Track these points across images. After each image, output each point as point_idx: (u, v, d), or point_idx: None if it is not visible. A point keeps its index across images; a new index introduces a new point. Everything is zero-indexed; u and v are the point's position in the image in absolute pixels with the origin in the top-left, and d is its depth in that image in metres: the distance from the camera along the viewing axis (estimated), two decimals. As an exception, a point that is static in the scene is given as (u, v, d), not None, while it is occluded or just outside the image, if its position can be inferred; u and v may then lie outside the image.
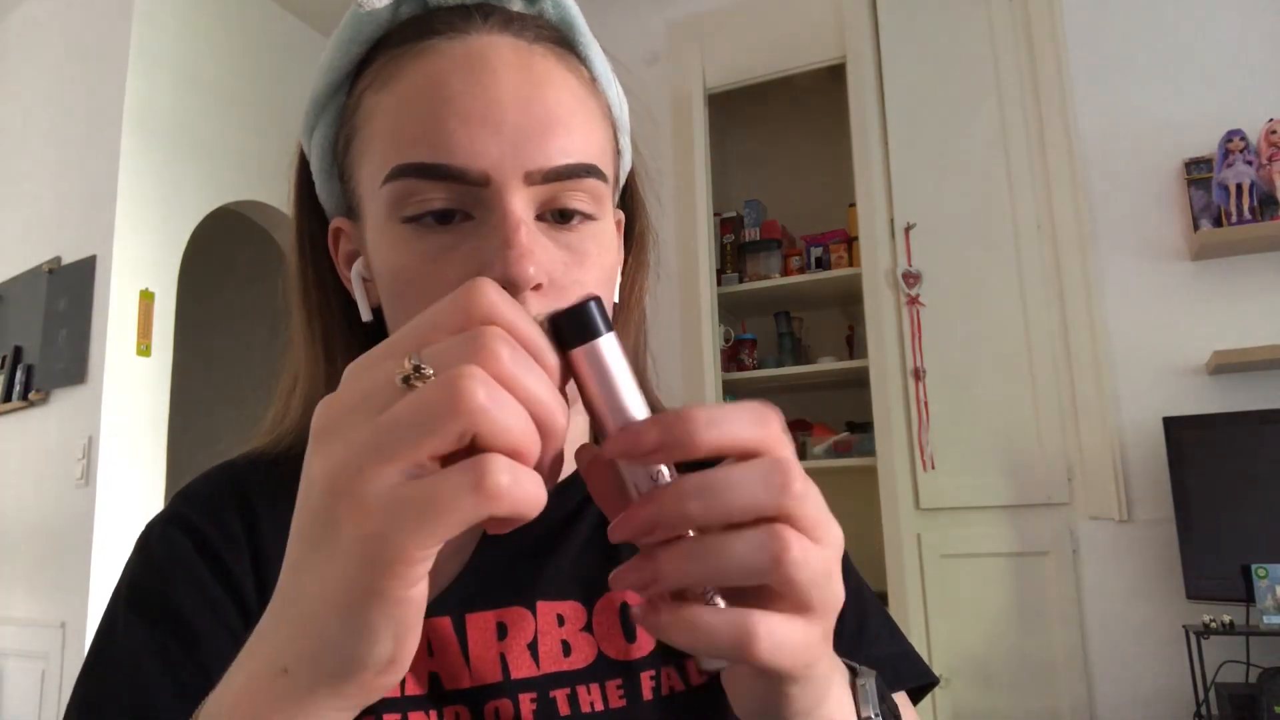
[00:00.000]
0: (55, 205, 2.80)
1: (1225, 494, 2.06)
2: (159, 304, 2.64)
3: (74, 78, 2.85)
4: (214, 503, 0.50)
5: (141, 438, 2.55)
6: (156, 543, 0.49)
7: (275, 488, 0.51)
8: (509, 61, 0.46)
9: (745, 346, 2.99)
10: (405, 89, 0.46)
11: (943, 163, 2.60)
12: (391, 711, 0.46)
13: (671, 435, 0.29)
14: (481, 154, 0.43)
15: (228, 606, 0.47)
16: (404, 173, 0.44)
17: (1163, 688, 2.15)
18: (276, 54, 3.17)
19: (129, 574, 0.49)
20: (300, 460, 0.52)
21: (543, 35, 0.48)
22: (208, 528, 0.49)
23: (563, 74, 0.47)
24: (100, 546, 2.39)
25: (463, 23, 0.47)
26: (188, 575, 0.47)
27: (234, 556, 0.48)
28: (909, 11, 2.71)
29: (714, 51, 2.96)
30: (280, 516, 0.50)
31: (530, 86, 0.45)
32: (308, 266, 0.54)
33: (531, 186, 0.45)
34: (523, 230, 0.43)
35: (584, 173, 0.46)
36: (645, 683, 0.51)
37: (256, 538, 0.49)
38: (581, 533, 0.55)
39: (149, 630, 0.46)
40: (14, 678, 2.54)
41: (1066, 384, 2.37)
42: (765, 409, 0.31)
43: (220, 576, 0.48)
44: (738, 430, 0.30)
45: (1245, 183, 2.20)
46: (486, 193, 0.44)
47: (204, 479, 0.53)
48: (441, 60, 0.45)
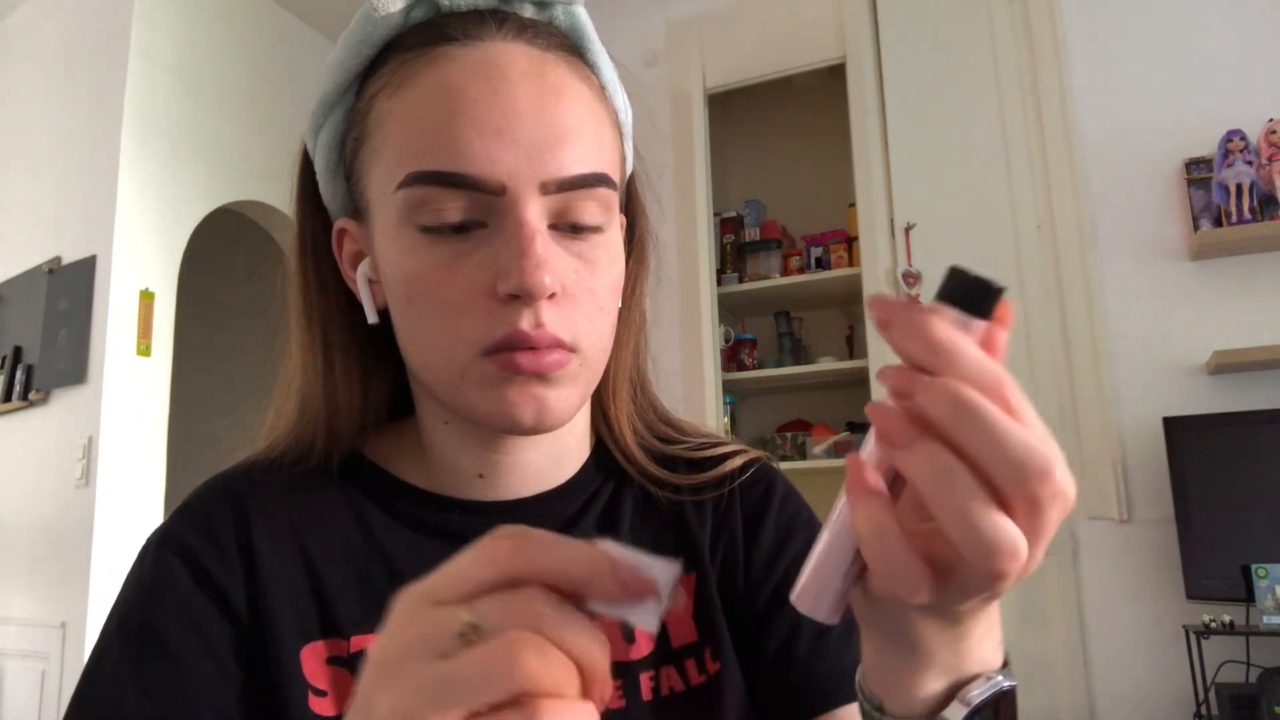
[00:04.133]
0: (55, 205, 2.80)
1: (1225, 494, 2.06)
2: (159, 304, 2.64)
3: (74, 78, 2.85)
4: (209, 519, 0.50)
5: (141, 438, 2.55)
6: (150, 568, 0.49)
7: (274, 500, 0.51)
8: (524, 70, 0.46)
9: (745, 346, 2.99)
10: (420, 95, 0.46)
11: (943, 163, 2.60)
12: None
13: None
14: (498, 163, 0.44)
15: (216, 630, 0.47)
16: (419, 180, 0.44)
17: (1163, 688, 2.15)
18: (276, 54, 3.17)
19: (122, 598, 0.49)
20: (299, 466, 0.52)
21: (555, 43, 0.48)
22: (202, 547, 0.49)
23: (575, 83, 0.48)
24: (100, 546, 2.39)
25: (477, 29, 0.47)
26: (176, 603, 0.48)
27: (228, 575, 0.49)
28: (909, 11, 2.71)
29: (714, 51, 2.96)
30: (273, 524, 0.50)
31: (545, 96, 0.46)
32: (309, 267, 0.54)
33: (546, 196, 0.45)
34: (538, 240, 0.44)
35: (596, 182, 0.46)
36: (644, 683, 0.52)
37: (250, 547, 0.50)
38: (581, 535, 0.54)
39: (134, 660, 0.46)
40: (14, 678, 2.54)
41: (1066, 384, 2.37)
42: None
43: (213, 598, 0.48)
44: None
45: (1245, 183, 2.20)
46: (501, 201, 0.44)
47: (202, 494, 0.53)
48: (456, 67, 0.46)
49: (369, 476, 0.54)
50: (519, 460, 0.53)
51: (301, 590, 0.49)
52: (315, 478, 0.53)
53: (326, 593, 0.49)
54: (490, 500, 0.53)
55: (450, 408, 0.50)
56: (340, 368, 0.53)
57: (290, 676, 0.47)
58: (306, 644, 0.48)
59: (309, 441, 0.52)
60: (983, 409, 0.27)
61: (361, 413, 0.54)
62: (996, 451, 0.27)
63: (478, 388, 0.46)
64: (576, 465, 0.57)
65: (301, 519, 0.51)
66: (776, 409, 3.18)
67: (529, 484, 0.54)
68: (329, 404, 0.52)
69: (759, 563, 0.57)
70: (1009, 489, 0.27)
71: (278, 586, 0.49)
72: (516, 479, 0.54)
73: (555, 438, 0.54)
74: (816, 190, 3.20)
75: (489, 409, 0.46)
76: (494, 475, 0.53)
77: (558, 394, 0.46)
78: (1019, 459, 0.27)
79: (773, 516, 0.59)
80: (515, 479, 0.54)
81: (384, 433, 0.56)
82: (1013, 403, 0.28)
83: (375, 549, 0.51)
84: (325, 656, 0.48)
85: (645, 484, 0.58)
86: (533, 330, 0.44)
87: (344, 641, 0.48)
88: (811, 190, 3.23)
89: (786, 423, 3.08)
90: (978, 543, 0.27)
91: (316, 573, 0.50)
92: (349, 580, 0.50)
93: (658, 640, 0.53)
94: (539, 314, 0.44)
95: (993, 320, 0.30)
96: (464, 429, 0.52)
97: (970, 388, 0.28)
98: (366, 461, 0.54)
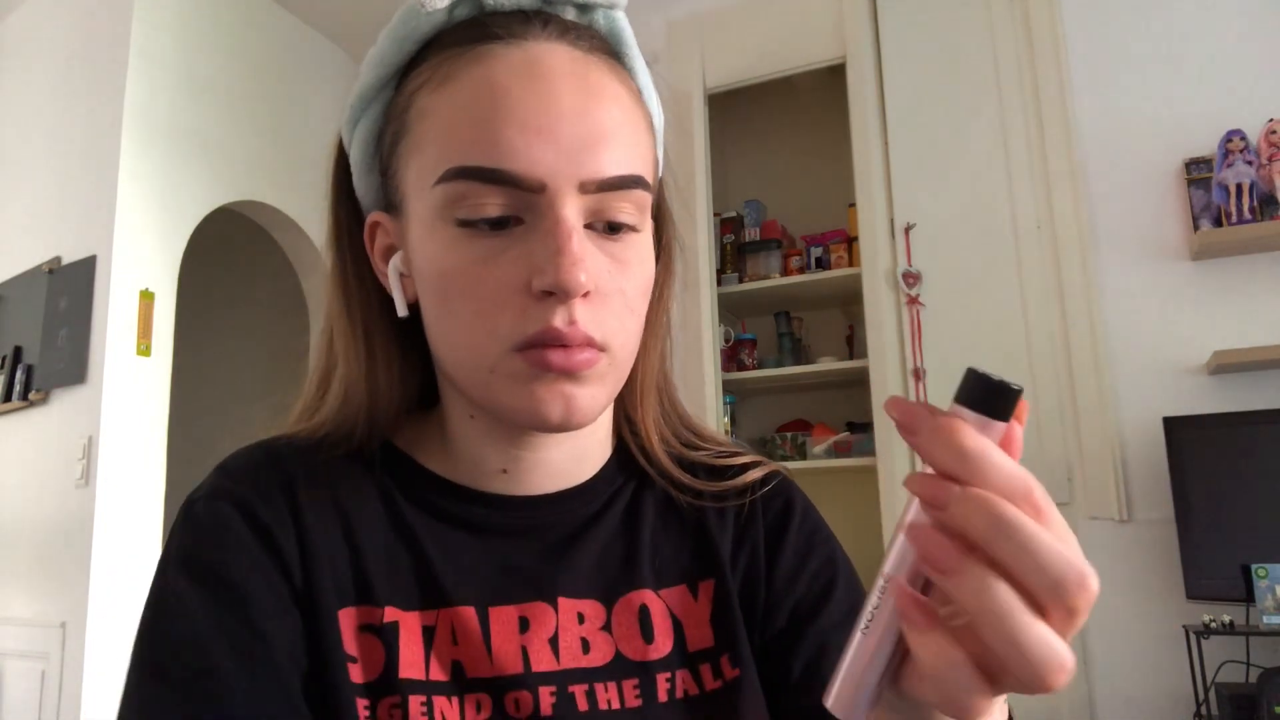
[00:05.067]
0: (55, 205, 2.80)
1: (1225, 494, 2.06)
2: (159, 304, 2.64)
3: (74, 78, 2.85)
4: (259, 478, 0.50)
5: (141, 438, 2.55)
6: (203, 514, 0.49)
7: (316, 473, 0.51)
8: (566, 71, 0.46)
9: (745, 346, 2.99)
10: (462, 92, 0.46)
11: (943, 163, 2.60)
12: (417, 693, 0.47)
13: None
14: (539, 161, 0.44)
15: (275, 576, 0.48)
16: (460, 175, 0.45)
17: (1163, 688, 2.15)
18: (276, 54, 3.17)
19: (177, 543, 0.49)
20: (338, 450, 0.52)
21: (595, 45, 0.49)
22: (253, 497, 0.49)
23: (615, 86, 0.48)
24: (100, 546, 2.39)
25: (520, 28, 0.47)
26: (238, 542, 0.48)
27: (283, 535, 0.49)
28: (909, 11, 2.71)
29: (714, 51, 2.96)
30: (320, 503, 0.51)
31: (586, 97, 0.46)
32: (345, 259, 0.54)
33: (584, 195, 0.45)
34: (575, 238, 0.44)
35: (633, 184, 0.47)
36: (661, 684, 0.52)
37: (296, 502, 0.50)
38: (603, 534, 0.55)
39: (203, 593, 0.46)
40: (14, 678, 2.54)
41: (1066, 384, 2.37)
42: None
43: (270, 552, 0.48)
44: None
45: (1245, 183, 2.20)
46: (540, 199, 0.45)
47: (245, 456, 0.52)
48: (500, 65, 0.46)
49: (397, 464, 0.54)
50: (542, 458, 0.54)
51: (341, 554, 0.50)
52: (353, 461, 0.53)
53: (363, 561, 0.50)
54: (512, 495, 0.54)
55: (478, 403, 0.50)
56: (382, 356, 0.53)
57: (329, 636, 0.47)
58: (343, 607, 0.48)
59: (350, 427, 0.53)
60: (1019, 525, 0.28)
61: (400, 401, 0.55)
62: (1036, 568, 0.28)
63: (507, 383, 0.46)
64: (598, 465, 0.57)
65: (339, 493, 0.51)
66: (776, 409, 3.18)
67: (551, 481, 0.54)
68: (371, 392, 0.53)
69: (781, 578, 0.57)
70: (1048, 601, 0.28)
71: (320, 546, 0.49)
72: (539, 475, 0.54)
73: (578, 437, 0.55)
74: (816, 190, 3.19)
75: (517, 405, 0.47)
76: (517, 471, 0.54)
77: (586, 392, 0.47)
78: (1059, 575, 0.28)
79: (793, 532, 0.59)
80: (538, 475, 0.54)
81: (411, 422, 0.57)
82: (1042, 508, 0.30)
83: (402, 533, 0.52)
84: (358, 624, 0.48)
85: (667, 487, 0.58)
86: (565, 327, 0.45)
87: (379, 610, 0.49)
88: (811, 190, 3.23)
89: (786, 423, 3.08)
90: (1031, 661, 0.28)
91: (354, 542, 0.50)
92: (380, 556, 0.50)
93: (675, 642, 0.53)
94: (572, 311, 0.45)
95: (1011, 420, 0.31)
96: (489, 424, 0.52)
97: (1002, 500, 0.29)
98: (397, 450, 0.55)
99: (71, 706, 2.31)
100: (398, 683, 0.47)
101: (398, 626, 0.48)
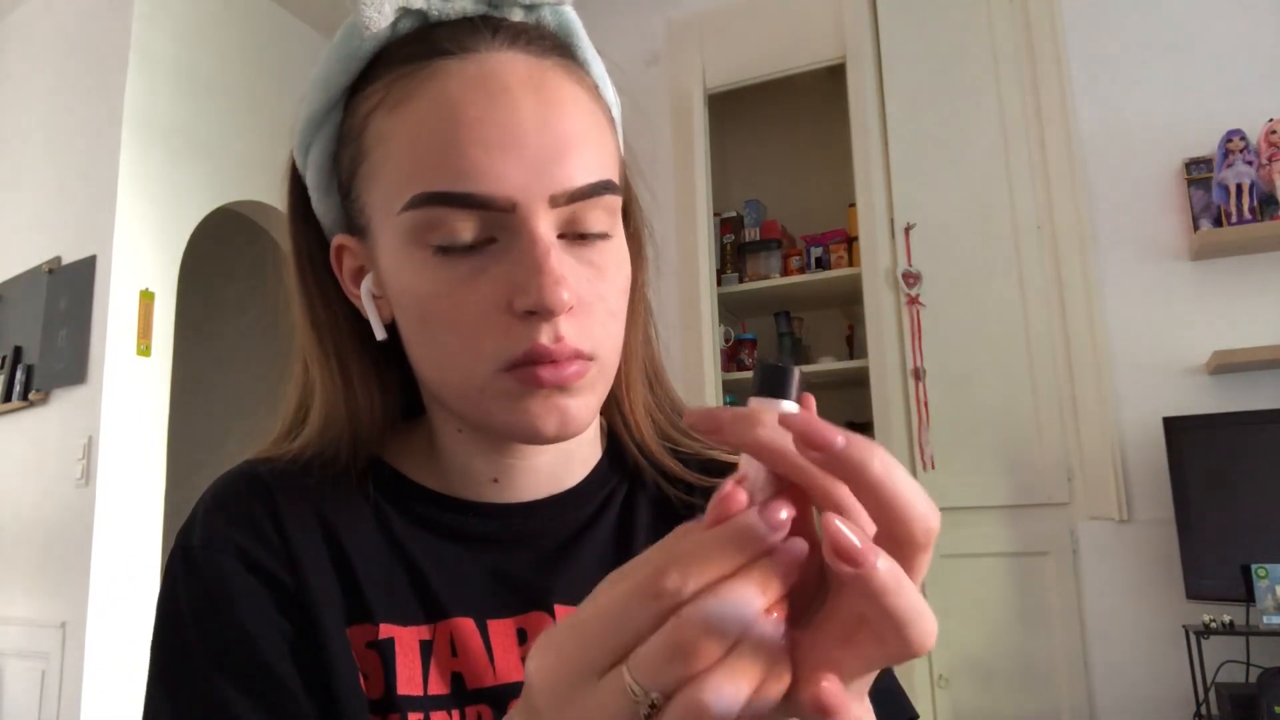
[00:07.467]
0: (55, 205, 2.80)
1: (1225, 494, 2.06)
2: (159, 304, 2.64)
3: (74, 78, 2.85)
4: (251, 514, 0.50)
5: (141, 438, 2.55)
6: (205, 567, 0.48)
7: (303, 497, 0.51)
8: (523, 81, 0.45)
9: (745, 346, 2.99)
10: (420, 112, 0.45)
11: (943, 163, 2.60)
12: (415, 710, 0.47)
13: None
14: (505, 179, 0.43)
15: (282, 622, 0.48)
16: (428, 201, 0.44)
17: (1163, 688, 2.15)
18: (276, 54, 3.17)
19: (186, 598, 0.48)
20: (327, 471, 0.52)
21: (549, 48, 0.48)
22: (249, 542, 0.49)
23: (572, 88, 0.47)
24: (100, 546, 2.39)
25: (470, 39, 0.46)
26: (243, 594, 0.47)
27: (277, 565, 0.48)
28: (909, 11, 2.71)
29: (714, 51, 2.96)
30: (301, 513, 0.50)
31: (546, 107, 0.45)
32: (310, 283, 0.53)
33: (555, 209, 0.45)
34: (552, 255, 0.44)
35: (603, 190, 0.46)
36: None
37: (284, 532, 0.49)
38: (597, 540, 0.55)
39: (219, 649, 0.46)
40: (14, 678, 2.54)
41: (1066, 384, 2.37)
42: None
43: (273, 591, 0.48)
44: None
45: (1245, 183, 2.20)
46: (512, 218, 0.44)
47: (230, 487, 0.51)
48: (454, 83, 0.45)
49: (387, 479, 0.54)
50: (531, 464, 0.54)
51: (334, 577, 0.49)
52: (341, 481, 0.53)
53: (358, 581, 0.49)
54: (504, 503, 0.54)
55: (469, 421, 0.50)
56: (359, 380, 0.52)
57: (340, 656, 0.47)
58: (346, 627, 0.48)
59: (334, 450, 0.52)
60: (892, 466, 0.30)
61: (383, 418, 0.54)
62: (915, 510, 0.29)
63: (498, 402, 0.46)
64: (588, 465, 0.57)
65: (327, 514, 0.51)
66: (776, 409, 3.18)
67: (542, 486, 0.54)
68: (352, 415, 0.52)
69: None
70: (923, 541, 0.29)
71: (313, 571, 0.49)
72: (530, 482, 0.54)
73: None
74: (816, 190, 3.20)
75: (510, 421, 0.46)
76: (507, 479, 0.53)
77: (578, 402, 0.47)
78: (928, 508, 0.29)
79: None
80: (528, 482, 0.54)
81: (397, 435, 0.56)
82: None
83: (395, 548, 0.51)
84: (357, 643, 0.48)
85: (659, 480, 0.58)
86: (553, 344, 0.44)
87: (374, 627, 0.49)
88: (811, 190, 3.23)
89: (786, 423, 3.08)
90: (923, 620, 0.28)
91: (347, 562, 0.50)
92: (373, 573, 0.50)
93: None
94: (557, 327, 0.44)
95: (804, 396, 0.33)
96: (477, 436, 0.52)
97: (871, 444, 0.30)
98: (385, 465, 0.54)
99: (71, 706, 2.31)
100: (396, 700, 0.47)
101: (393, 643, 0.48)
